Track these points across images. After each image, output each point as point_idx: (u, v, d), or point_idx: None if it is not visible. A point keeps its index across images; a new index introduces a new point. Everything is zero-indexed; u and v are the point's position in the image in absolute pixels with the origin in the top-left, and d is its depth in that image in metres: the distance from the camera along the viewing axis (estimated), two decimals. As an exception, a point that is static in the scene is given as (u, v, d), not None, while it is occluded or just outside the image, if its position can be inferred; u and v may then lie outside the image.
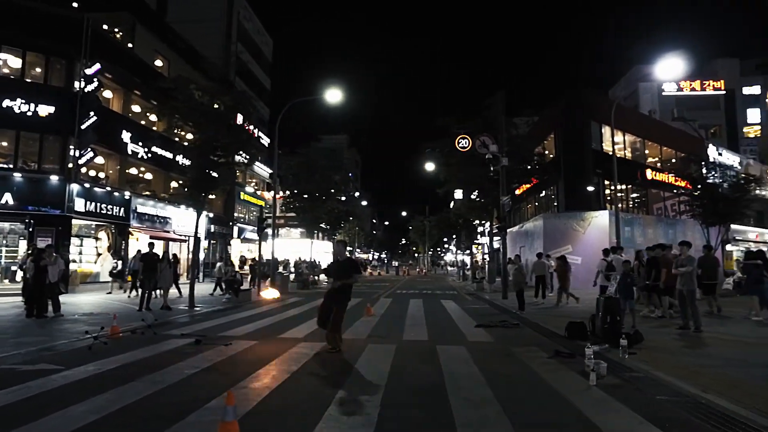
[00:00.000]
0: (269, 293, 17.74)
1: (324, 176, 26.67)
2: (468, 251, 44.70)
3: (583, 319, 8.87)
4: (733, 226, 27.28)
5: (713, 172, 25.56)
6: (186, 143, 15.09)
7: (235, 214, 33.03)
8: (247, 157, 15.44)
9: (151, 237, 20.75)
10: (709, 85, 48.51)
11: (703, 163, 27.09)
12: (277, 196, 22.36)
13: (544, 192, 29.80)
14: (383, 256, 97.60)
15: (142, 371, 5.93)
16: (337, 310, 7.36)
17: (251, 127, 16.69)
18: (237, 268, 23.21)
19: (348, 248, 58.59)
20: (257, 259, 22.20)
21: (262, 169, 37.29)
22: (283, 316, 12.38)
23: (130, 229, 20.40)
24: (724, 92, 48.67)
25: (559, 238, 23.05)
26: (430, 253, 72.14)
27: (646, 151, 29.37)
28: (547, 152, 28.64)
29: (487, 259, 28.17)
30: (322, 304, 7.68)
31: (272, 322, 11.13)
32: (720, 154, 32.12)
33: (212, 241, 28.16)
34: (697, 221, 24.03)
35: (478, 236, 42.40)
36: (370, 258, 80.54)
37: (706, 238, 23.48)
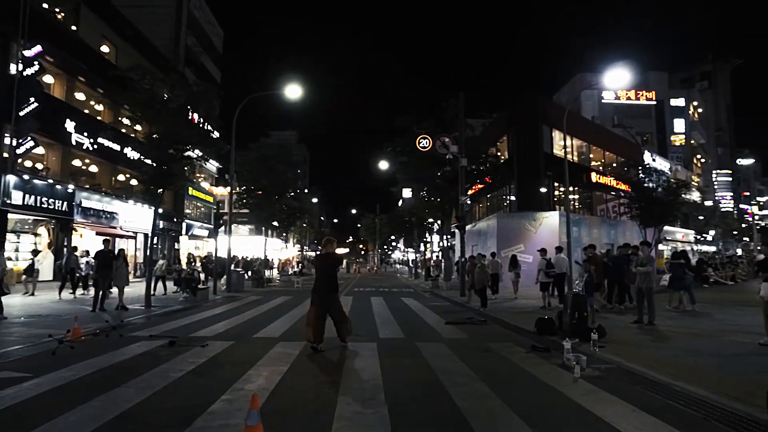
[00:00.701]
0: None
1: (279, 172, 26.20)
2: (419, 249, 45.40)
3: (550, 315, 9.35)
4: (664, 227, 29.48)
5: (650, 177, 27.43)
6: (134, 135, 14.33)
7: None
8: (200, 154, 14.92)
9: (97, 233, 19.62)
10: (642, 95, 52.06)
11: (640, 168, 28.98)
12: (232, 192, 21.70)
13: (496, 192, 30.79)
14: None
15: (124, 375, 5.65)
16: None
17: (201, 120, 16.09)
18: (183, 266, 22.39)
19: (297, 246, 57.80)
20: (209, 256, 21.52)
21: (211, 164, 36.05)
22: (248, 316, 12.09)
23: (73, 225, 19.11)
24: (655, 103, 52.40)
25: (512, 237, 23.92)
26: (379, 251, 72.56)
27: (591, 155, 31.09)
28: (499, 153, 29.60)
29: (441, 257, 28.76)
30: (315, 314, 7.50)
31: (240, 322, 10.85)
32: (654, 160, 34.54)
33: (158, 238, 26.88)
34: (636, 222, 25.70)
35: (426, 234, 43.16)
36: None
37: (644, 238, 25.15)
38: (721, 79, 66.59)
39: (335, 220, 51.28)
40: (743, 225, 53.10)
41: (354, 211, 68.82)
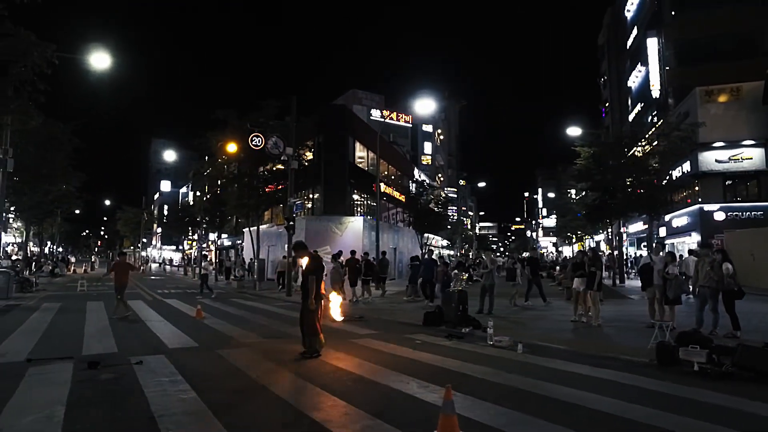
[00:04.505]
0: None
1: (52, 149, 21.34)
2: (183, 247, 42.62)
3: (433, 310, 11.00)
4: (427, 234, 35.60)
5: (424, 190, 32.76)
6: None
7: None
8: None
9: None
10: (402, 118, 60.73)
11: (413, 182, 34.25)
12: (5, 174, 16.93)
13: (299, 193, 31.67)
14: (60, 250, 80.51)
15: (131, 402, 4.74)
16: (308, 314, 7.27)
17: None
18: None
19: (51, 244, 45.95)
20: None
21: None
22: (97, 325, 10.05)
23: None
24: (411, 126, 61.82)
25: (320, 239, 25.26)
26: (139, 248, 64.08)
27: (380, 167, 35.09)
28: (302, 158, 30.59)
29: (248, 256, 28.01)
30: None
31: (114, 334, 9.12)
32: (421, 176, 41.15)
33: None
34: (412, 229, 30.43)
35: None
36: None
37: (420, 242, 30.08)
38: (452, 114, 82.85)
39: (77, 211, 42.20)
40: (464, 234, 67.49)
41: (108, 202, 58.88)
